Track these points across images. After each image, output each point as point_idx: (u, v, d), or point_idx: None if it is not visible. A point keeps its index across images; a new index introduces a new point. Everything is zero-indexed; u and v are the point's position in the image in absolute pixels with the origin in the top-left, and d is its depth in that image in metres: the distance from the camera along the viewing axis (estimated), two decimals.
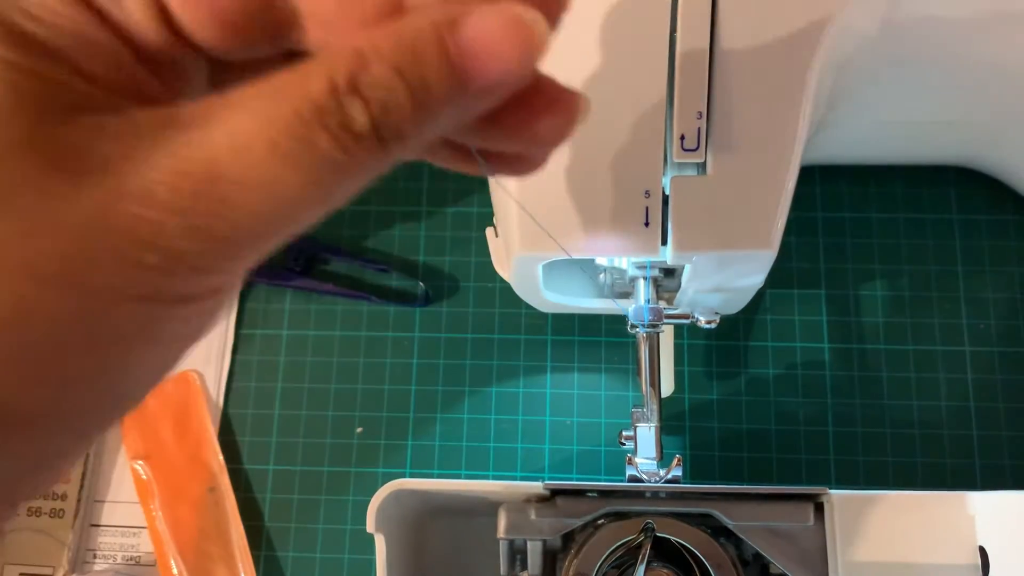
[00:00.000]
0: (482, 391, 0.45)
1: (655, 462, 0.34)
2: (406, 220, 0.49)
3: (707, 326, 0.35)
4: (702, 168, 0.32)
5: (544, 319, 0.45)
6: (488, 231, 0.38)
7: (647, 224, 0.32)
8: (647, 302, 0.35)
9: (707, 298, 0.37)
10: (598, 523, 0.33)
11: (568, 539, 0.33)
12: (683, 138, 0.31)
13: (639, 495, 0.33)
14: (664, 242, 0.32)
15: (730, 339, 0.45)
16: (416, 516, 0.36)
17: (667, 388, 0.40)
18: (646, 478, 0.33)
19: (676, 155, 0.31)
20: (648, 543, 0.31)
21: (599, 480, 0.43)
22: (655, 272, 0.36)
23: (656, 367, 0.35)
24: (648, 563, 0.31)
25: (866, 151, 0.45)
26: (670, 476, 0.33)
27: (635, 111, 0.31)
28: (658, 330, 0.35)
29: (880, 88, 0.38)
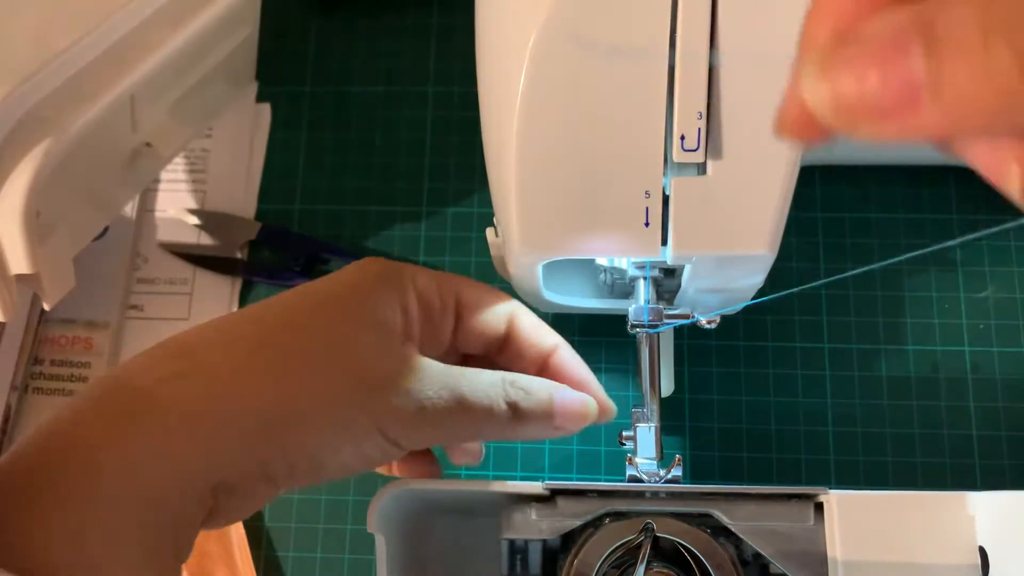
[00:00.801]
0: None
1: (655, 462, 0.34)
2: (406, 220, 0.49)
3: (707, 326, 0.35)
4: (702, 168, 0.32)
5: (544, 319, 0.45)
6: (488, 231, 0.38)
7: (647, 224, 0.32)
8: (647, 302, 0.35)
9: (707, 298, 0.37)
10: (598, 523, 0.33)
11: (568, 539, 0.33)
12: (683, 138, 0.31)
13: (639, 495, 0.33)
14: (664, 242, 0.32)
15: (730, 339, 0.45)
16: (416, 516, 0.36)
17: (667, 388, 0.40)
18: (646, 478, 0.34)
19: (676, 155, 0.31)
20: (648, 543, 0.31)
21: (599, 480, 0.43)
22: (655, 272, 0.36)
23: (656, 367, 0.36)
24: (648, 563, 0.31)
25: (866, 151, 0.45)
26: (670, 476, 0.33)
27: (635, 111, 0.31)
28: (658, 330, 0.35)
29: None
